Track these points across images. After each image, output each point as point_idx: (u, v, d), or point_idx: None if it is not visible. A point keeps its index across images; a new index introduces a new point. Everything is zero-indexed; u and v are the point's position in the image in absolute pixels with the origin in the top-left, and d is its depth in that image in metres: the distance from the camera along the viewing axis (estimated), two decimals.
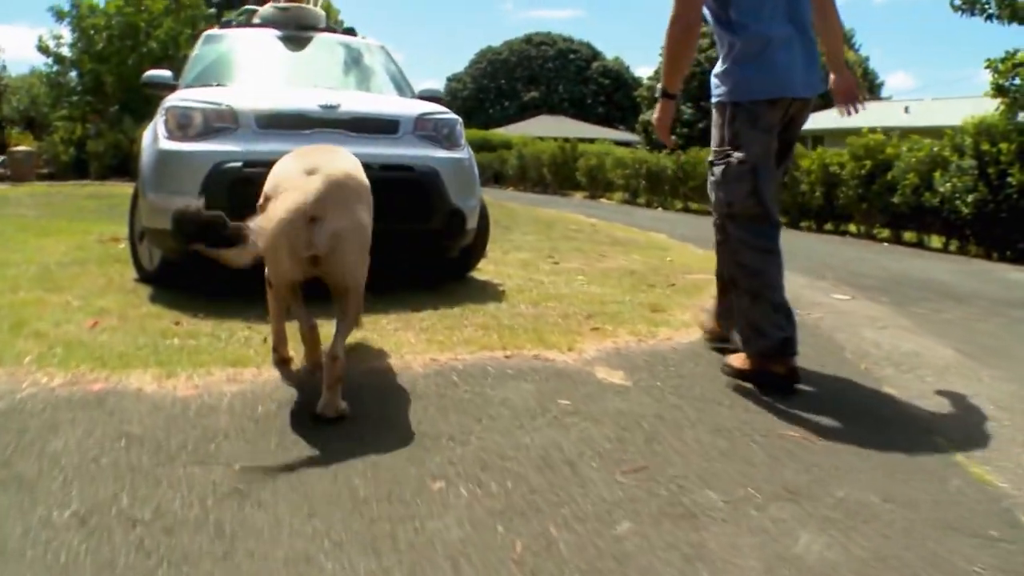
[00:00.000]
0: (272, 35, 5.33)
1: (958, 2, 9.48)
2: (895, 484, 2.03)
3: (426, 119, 4.37)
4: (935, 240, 9.69)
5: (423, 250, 4.38)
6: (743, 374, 2.88)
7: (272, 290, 2.69)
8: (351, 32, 6.03)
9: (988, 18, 9.29)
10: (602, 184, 18.12)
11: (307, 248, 2.27)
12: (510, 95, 57.25)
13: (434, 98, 5.16)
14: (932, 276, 6.56)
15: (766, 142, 2.81)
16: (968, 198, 8.57)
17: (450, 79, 59.65)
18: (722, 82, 2.88)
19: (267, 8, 5.72)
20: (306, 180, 2.32)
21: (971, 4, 9.42)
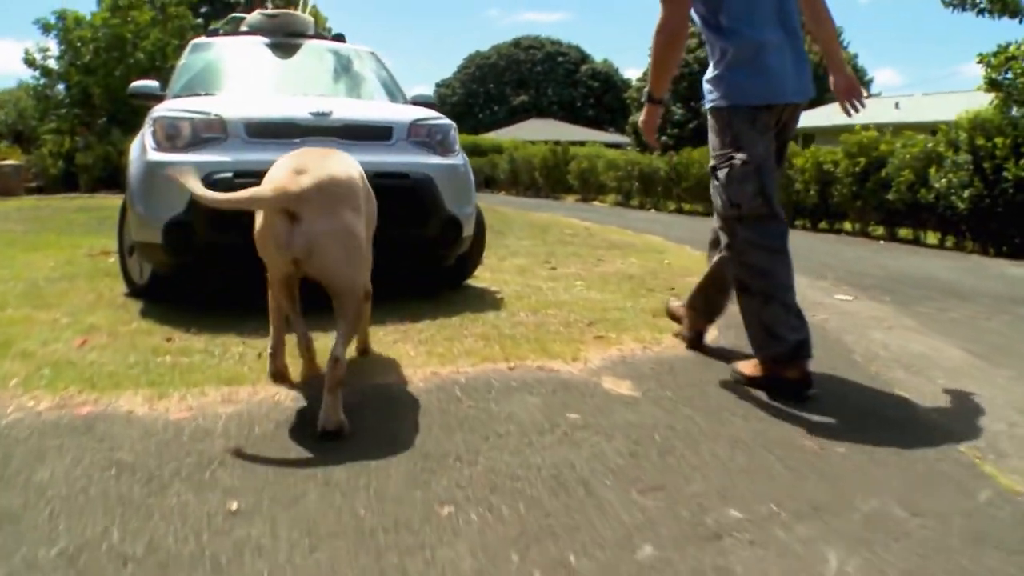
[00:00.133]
0: (260, 43, 5.24)
1: None
2: (922, 496, 1.95)
3: (420, 125, 4.28)
4: (931, 236, 9.66)
5: (419, 258, 4.29)
6: (754, 381, 2.81)
7: (270, 288, 2.63)
8: (340, 38, 5.93)
9: (979, 12, 9.26)
10: (594, 187, 18.05)
11: (287, 247, 2.31)
12: (499, 99, 57.22)
13: (427, 104, 5.08)
14: (932, 274, 6.50)
15: (766, 142, 2.81)
16: (964, 194, 8.53)
17: (439, 85, 59.59)
18: (716, 87, 2.87)
19: (254, 16, 5.64)
20: (292, 179, 2.32)
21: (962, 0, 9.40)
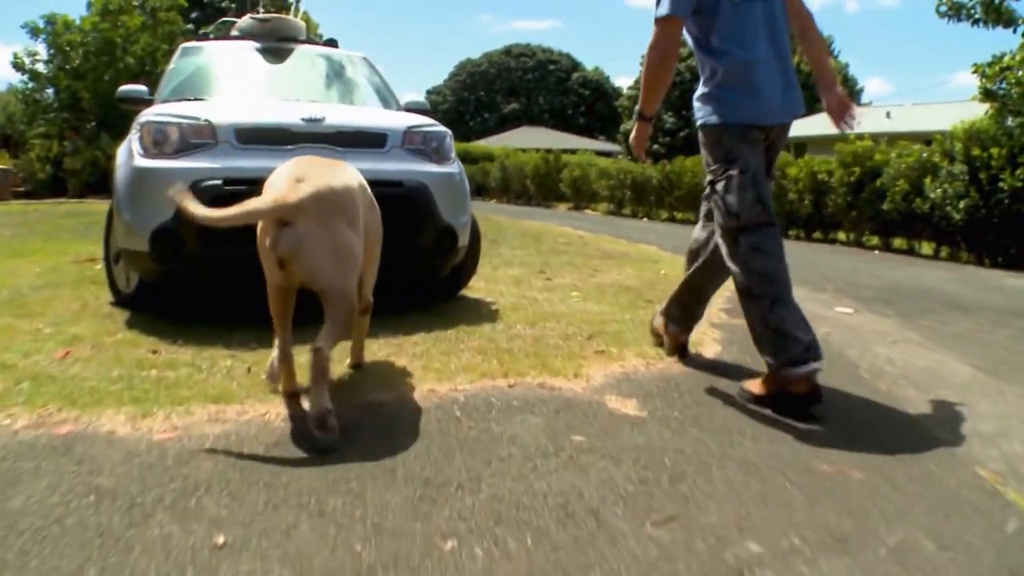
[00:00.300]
0: (251, 47, 5.13)
1: (944, 8, 9.43)
2: (947, 526, 1.85)
3: (415, 132, 4.18)
4: (925, 247, 9.62)
5: (413, 269, 4.18)
6: (762, 400, 2.73)
7: (268, 294, 2.58)
8: (333, 43, 5.83)
9: (975, 23, 9.24)
10: (587, 195, 18.00)
11: (272, 248, 2.33)
12: (490, 107, 57.25)
13: (421, 110, 4.99)
14: (930, 285, 6.44)
15: (758, 154, 2.88)
16: (959, 204, 8.50)
17: (429, 92, 59.54)
18: (706, 104, 2.93)
19: (245, 20, 5.53)
20: (291, 188, 2.33)
21: (957, 10, 9.37)
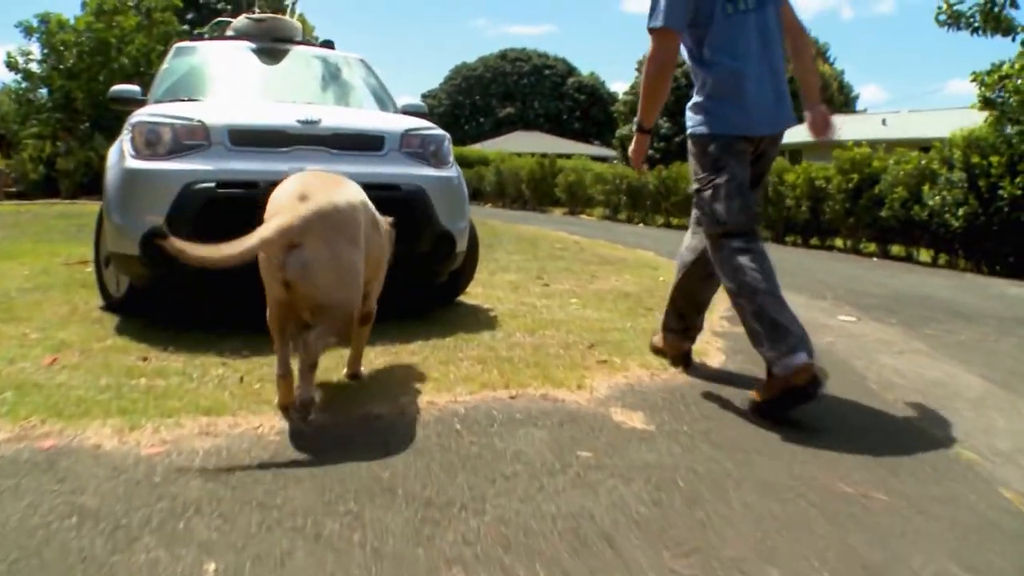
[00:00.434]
0: (246, 47, 5.03)
1: (943, 17, 9.39)
2: (979, 554, 1.76)
3: (412, 135, 4.09)
4: (923, 254, 9.57)
5: (410, 274, 4.08)
6: (768, 404, 2.66)
7: (268, 308, 2.55)
8: (329, 45, 5.73)
9: (974, 31, 9.20)
10: (582, 200, 17.93)
11: (280, 271, 2.34)
12: (485, 111, 57.19)
13: (418, 113, 4.90)
14: (931, 293, 6.38)
15: (744, 165, 2.93)
16: (958, 211, 8.45)
17: (425, 96, 59.39)
18: (697, 114, 2.97)
19: (241, 20, 5.44)
20: (295, 208, 2.32)
21: (956, 19, 9.33)
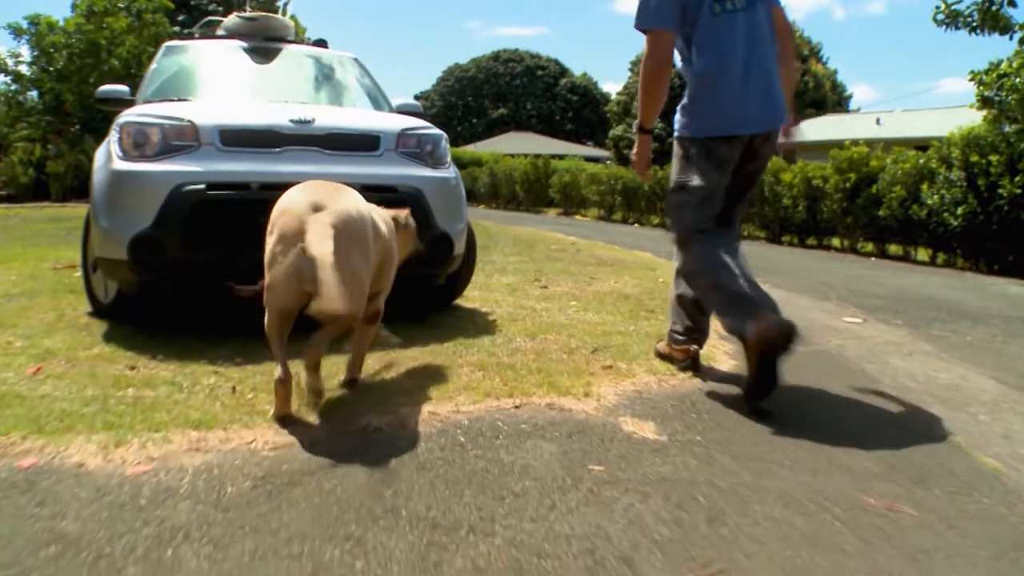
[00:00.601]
0: (237, 46, 4.91)
1: (941, 17, 9.34)
2: (1016, 572, 1.66)
3: (409, 135, 3.98)
4: (921, 253, 9.51)
5: (407, 277, 3.97)
6: (755, 380, 2.66)
7: (267, 315, 2.50)
8: (322, 44, 5.62)
9: (972, 31, 9.15)
10: (576, 201, 17.85)
11: (307, 283, 2.30)
12: (478, 112, 57.10)
13: (414, 113, 4.79)
14: (933, 292, 6.30)
15: (722, 172, 2.96)
16: (957, 210, 8.39)
17: (417, 97, 59.24)
18: (681, 116, 3.03)
19: (232, 18, 5.32)
20: (313, 217, 2.36)
21: (954, 18, 9.28)
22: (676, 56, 3.05)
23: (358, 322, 2.58)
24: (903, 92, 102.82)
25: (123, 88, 4.69)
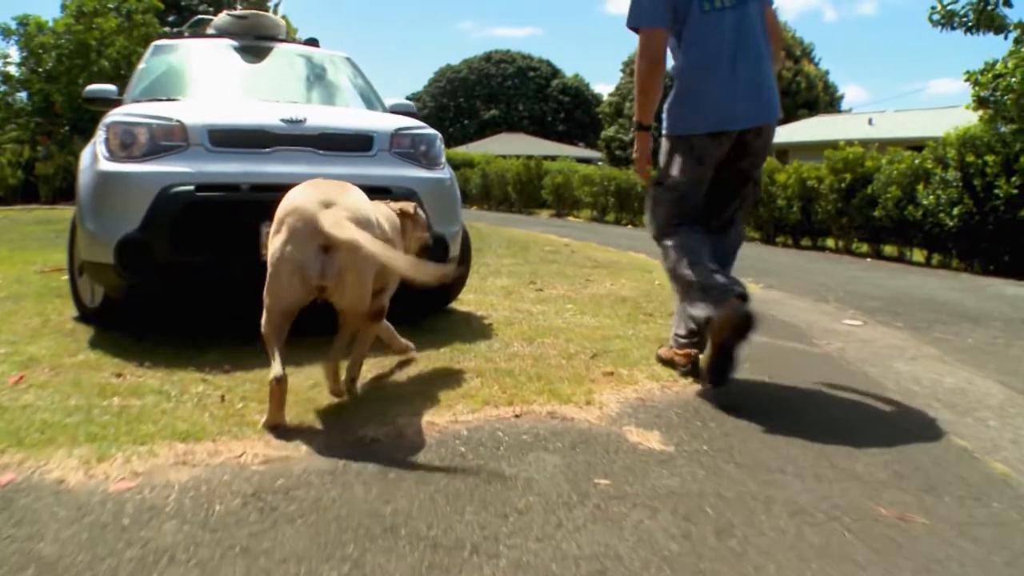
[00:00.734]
0: (228, 45, 4.82)
1: (937, 17, 9.31)
2: None
3: (403, 135, 3.89)
4: (916, 254, 9.48)
5: (401, 280, 3.89)
6: (717, 356, 2.71)
7: (266, 314, 2.45)
8: (313, 43, 5.52)
9: (968, 30, 9.12)
10: (569, 202, 17.78)
11: (319, 277, 2.36)
12: (470, 113, 57.00)
13: (408, 112, 4.71)
14: (931, 293, 6.26)
15: (699, 172, 2.98)
16: (953, 211, 8.37)
17: (409, 98, 59.00)
18: (667, 114, 3.04)
19: (222, 17, 5.23)
20: (324, 212, 2.35)
21: (949, 18, 9.26)
22: (669, 55, 3.04)
23: (363, 320, 2.62)
24: (893, 93, 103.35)
25: (111, 87, 4.59)
